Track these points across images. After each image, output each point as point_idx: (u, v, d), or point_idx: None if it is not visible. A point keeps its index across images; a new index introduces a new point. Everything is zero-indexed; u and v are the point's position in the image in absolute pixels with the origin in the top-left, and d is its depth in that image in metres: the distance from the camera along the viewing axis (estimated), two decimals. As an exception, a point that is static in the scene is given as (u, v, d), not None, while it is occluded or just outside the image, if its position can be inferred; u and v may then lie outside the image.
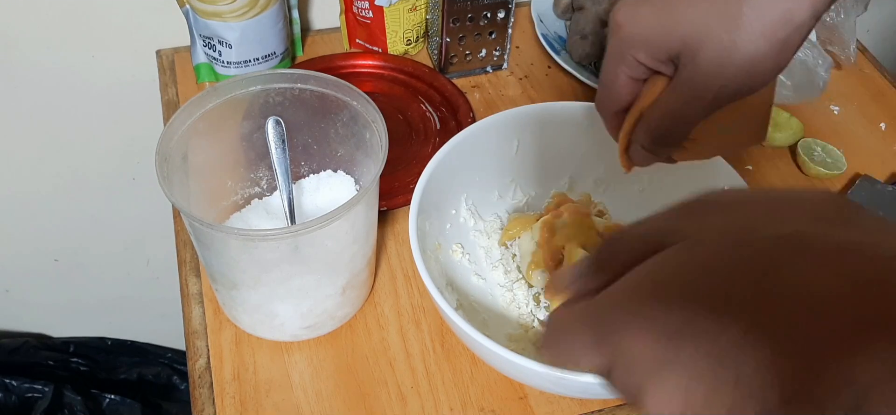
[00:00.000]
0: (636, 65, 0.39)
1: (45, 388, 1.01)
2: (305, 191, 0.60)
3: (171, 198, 0.48)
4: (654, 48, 0.37)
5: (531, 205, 0.66)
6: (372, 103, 0.54)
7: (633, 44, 0.38)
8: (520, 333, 0.58)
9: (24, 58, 0.79)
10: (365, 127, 0.55)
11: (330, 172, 0.61)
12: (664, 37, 0.36)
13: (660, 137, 0.40)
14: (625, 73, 0.40)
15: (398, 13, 0.78)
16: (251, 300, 0.54)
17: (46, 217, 0.96)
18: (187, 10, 0.72)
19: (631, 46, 0.38)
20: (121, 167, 0.93)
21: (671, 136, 0.39)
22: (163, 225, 0.79)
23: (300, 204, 0.59)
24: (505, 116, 0.61)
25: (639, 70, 0.39)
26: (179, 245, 0.64)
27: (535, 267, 0.57)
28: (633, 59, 0.39)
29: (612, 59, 0.40)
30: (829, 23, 0.82)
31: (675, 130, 0.39)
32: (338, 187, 0.60)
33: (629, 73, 0.39)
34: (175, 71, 0.79)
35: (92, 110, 0.85)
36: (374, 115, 0.54)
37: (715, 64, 0.35)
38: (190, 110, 0.53)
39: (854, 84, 0.84)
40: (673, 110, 0.38)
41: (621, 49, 0.39)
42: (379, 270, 0.63)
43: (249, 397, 0.55)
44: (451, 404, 0.55)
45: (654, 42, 0.37)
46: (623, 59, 0.39)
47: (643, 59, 0.38)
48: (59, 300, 1.08)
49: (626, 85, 0.40)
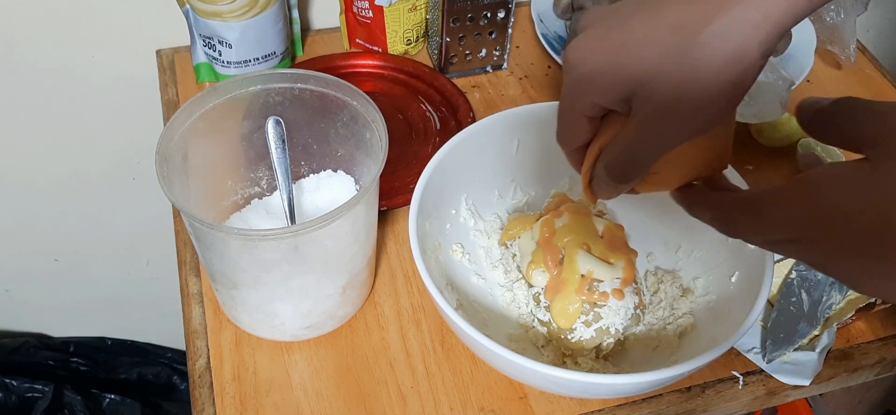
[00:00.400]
0: (591, 105, 0.38)
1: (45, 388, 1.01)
2: (305, 191, 0.60)
3: (171, 198, 0.48)
4: (606, 90, 0.37)
5: (531, 205, 0.66)
6: (372, 103, 0.54)
7: (586, 85, 0.38)
8: (520, 333, 0.58)
9: (24, 58, 0.79)
10: (365, 127, 0.55)
11: (330, 172, 0.61)
12: (616, 79, 0.36)
13: (618, 175, 0.40)
14: (581, 112, 0.39)
15: (398, 13, 0.78)
16: (251, 300, 0.54)
17: (46, 217, 0.96)
18: (187, 10, 0.72)
19: (583, 87, 0.38)
20: (121, 167, 0.93)
21: (629, 173, 0.39)
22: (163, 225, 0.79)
23: (300, 204, 0.59)
24: (505, 116, 0.61)
25: (594, 109, 0.39)
26: (179, 245, 0.64)
27: (535, 267, 0.57)
28: (586, 100, 0.38)
29: (566, 99, 0.40)
30: (829, 22, 0.82)
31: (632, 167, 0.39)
32: (338, 187, 0.60)
33: (585, 112, 0.39)
34: (175, 71, 0.79)
35: (92, 110, 0.85)
36: (374, 115, 0.54)
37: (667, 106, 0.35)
38: (190, 110, 0.53)
39: (854, 84, 0.84)
40: (629, 150, 0.38)
41: (575, 89, 0.39)
42: (379, 270, 0.63)
43: (249, 397, 0.55)
44: (451, 404, 0.55)
45: (606, 84, 0.37)
46: (578, 100, 0.39)
47: (596, 99, 0.38)
48: (59, 300, 1.08)
49: (583, 123, 0.40)
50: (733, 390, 0.57)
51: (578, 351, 0.55)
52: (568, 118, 0.40)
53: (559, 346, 0.56)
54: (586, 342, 0.54)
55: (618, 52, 0.36)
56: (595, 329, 0.54)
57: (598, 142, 0.41)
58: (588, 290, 0.54)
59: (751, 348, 0.58)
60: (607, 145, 0.39)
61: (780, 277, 0.61)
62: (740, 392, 0.57)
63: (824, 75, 0.84)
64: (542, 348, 0.57)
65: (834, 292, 0.60)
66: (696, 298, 0.58)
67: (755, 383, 0.57)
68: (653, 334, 0.58)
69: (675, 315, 0.58)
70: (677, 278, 0.60)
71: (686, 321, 0.57)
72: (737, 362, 0.58)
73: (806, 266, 0.61)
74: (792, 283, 0.60)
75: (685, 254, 0.61)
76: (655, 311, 0.59)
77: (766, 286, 0.50)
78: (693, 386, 0.57)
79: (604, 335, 0.54)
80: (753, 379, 0.57)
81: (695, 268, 0.60)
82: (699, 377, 0.57)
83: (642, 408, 0.56)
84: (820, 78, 0.84)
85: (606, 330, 0.54)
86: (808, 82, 0.82)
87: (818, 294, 0.60)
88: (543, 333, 0.57)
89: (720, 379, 0.57)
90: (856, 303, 0.60)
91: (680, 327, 0.57)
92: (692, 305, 0.58)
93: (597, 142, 0.41)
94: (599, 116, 0.39)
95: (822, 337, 0.58)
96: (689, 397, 0.56)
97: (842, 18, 0.82)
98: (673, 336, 0.56)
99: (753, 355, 0.58)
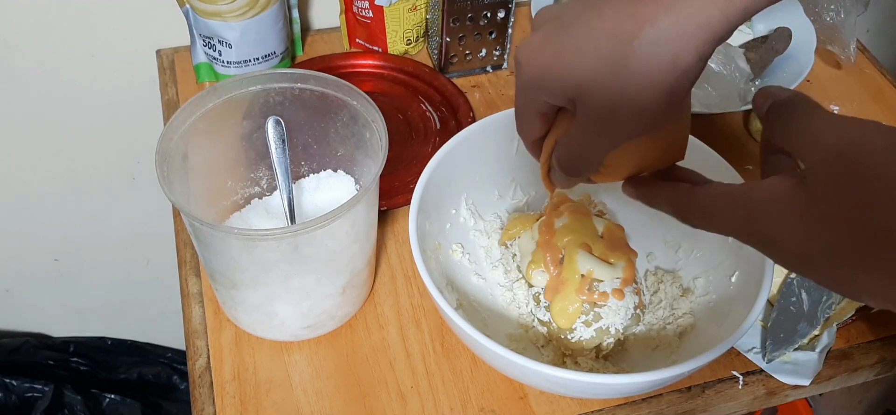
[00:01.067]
0: (541, 103, 0.40)
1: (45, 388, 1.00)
2: (305, 191, 0.60)
3: (171, 198, 0.48)
4: (551, 92, 0.38)
5: (531, 205, 0.66)
6: (372, 103, 0.54)
7: (534, 86, 0.39)
8: (520, 333, 0.58)
9: (24, 58, 0.79)
10: (365, 127, 0.55)
11: (330, 171, 0.61)
12: (558, 83, 0.37)
13: (569, 170, 0.41)
14: (533, 109, 0.41)
15: (398, 13, 0.78)
16: (251, 300, 0.54)
17: (46, 217, 0.96)
18: (187, 9, 0.72)
19: (532, 88, 0.39)
20: (121, 167, 0.93)
21: (579, 168, 0.41)
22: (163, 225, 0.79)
23: (300, 204, 0.59)
24: (505, 116, 0.61)
25: (544, 107, 0.40)
26: (179, 245, 0.64)
27: (535, 267, 0.57)
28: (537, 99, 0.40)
29: (519, 97, 0.41)
30: (829, 22, 0.82)
31: (581, 163, 0.40)
32: (338, 187, 0.60)
33: (536, 109, 0.40)
34: (175, 71, 0.79)
35: (92, 110, 0.85)
36: (374, 114, 0.54)
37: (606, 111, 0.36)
38: (190, 110, 0.53)
39: (854, 84, 0.84)
40: (577, 146, 0.39)
41: (525, 89, 0.40)
42: (379, 270, 0.63)
43: (249, 397, 0.55)
44: (451, 404, 0.55)
45: (551, 86, 0.38)
46: (529, 98, 0.40)
47: (545, 98, 0.39)
48: (59, 300, 1.08)
49: (537, 119, 0.41)
50: (733, 390, 0.57)
51: (578, 351, 0.55)
52: (522, 114, 0.42)
53: (559, 346, 0.56)
54: (586, 342, 0.54)
55: (559, 56, 0.37)
56: (595, 329, 0.54)
57: (553, 135, 0.42)
58: (588, 290, 0.54)
59: (751, 348, 0.58)
60: (559, 140, 0.41)
61: (780, 277, 0.61)
62: (740, 392, 0.57)
63: (824, 75, 0.84)
64: (542, 348, 0.57)
65: (834, 292, 0.60)
66: (696, 299, 0.58)
67: (755, 383, 0.57)
68: (653, 334, 0.58)
69: (675, 315, 0.58)
70: (677, 278, 0.60)
71: (686, 321, 0.57)
72: (737, 362, 0.58)
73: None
74: (792, 283, 0.60)
75: (685, 254, 0.61)
76: (655, 311, 0.59)
77: (766, 286, 0.50)
78: (693, 386, 0.57)
79: (604, 335, 0.54)
80: (753, 379, 0.57)
81: (695, 268, 0.60)
82: (699, 377, 0.57)
83: (642, 408, 0.56)
84: (820, 78, 0.84)
85: (606, 330, 0.54)
86: (809, 82, 0.82)
87: (818, 294, 0.60)
88: (543, 333, 0.57)
89: (720, 379, 0.57)
90: (856, 303, 0.60)
91: (680, 327, 0.57)
92: (692, 305, 0.58)
93: (552, 135, 0.42)
94: (552, 111, 0.41)
95: (822, 337, 0.58)
96: (689, 397, 0.56)
97: (842, 18, 0.82)
98: (673, 336, 0.56)
99: (753, 355, 0.58)
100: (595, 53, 0.35)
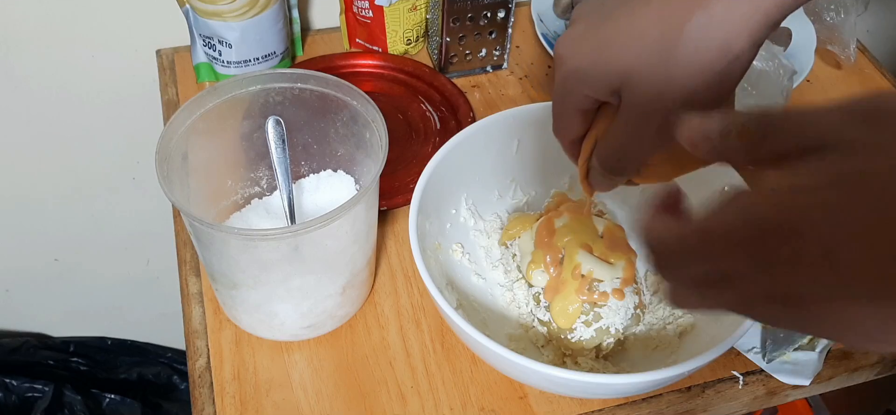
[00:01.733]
0: (583, 97, 0.38)
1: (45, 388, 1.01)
2: (305, 191, 0.60)
3: (171, 198, 0.48)
4: (595, 84, 0.37)
5: (531, 205, 0.66)
6: (372, 103, 0.54)
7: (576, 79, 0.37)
8: (520, 332, 0.58)
9: (24, 58, 0.79)
10: (365, 127, 0.55)
11: (330, 171, 0.61)
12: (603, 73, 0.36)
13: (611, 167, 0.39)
14: (573, 105, 0.39)
15: (398, 13, 0.78)
16: (251, 300, 0.54)
17: (46, 217, 0.96)
18: (187, 9, 0.72)
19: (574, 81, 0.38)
20: (121, 167, 0.93)
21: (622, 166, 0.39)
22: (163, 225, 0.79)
23: (300, 204, 0.59)
24: (505, 116, 0.61)
25: (586, 102, 0.39)
26: (179, 245, 0.64)
27: (535, 267, 0.57)
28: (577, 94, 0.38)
29: (559, 92, 0.40)
30: (829, 22, 0.82)
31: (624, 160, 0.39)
32: (338, 187, 0.60)
33: (577, 105, 0.39)
34: (175, 71, 0.79)
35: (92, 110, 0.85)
36: (374, 114, 0.54)
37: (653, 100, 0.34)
38: (190, 110, 0.53)
39: (854, 84, 0.84)
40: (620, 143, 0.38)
41: (566, 83, 0.38)
42: (379, 270, 0.63)
43: (249, 397, 0.55)
44: (451, 404, 0.55)
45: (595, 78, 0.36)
46: (569, 93, 0.39)
47: (587, 92, 0.38)
48: (59, 300, 1.08)
49: (577, 115, 0.40)
50: (733, 390, 0.57)
51: (578, 351, 0.55)
52: (561, 112, 0.40)
53: (559, 346, 0.56)
54: (586, 342, 0.54)
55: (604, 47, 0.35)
56: (595, 329, 0.54)
57: (593, 133, 0.40)
58: (588, 290, 0.54)
59: (751, 348, 0.58)
60: (601, 137, 0.39)
61: (780, 277, 0.61)
62: (740, 392, 0.57)
63: (824, 75, 0.84)
64: (542, 348, 0.57)
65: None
66: (696, 298, 0.58)
67: (755, 383, 0.57)
68: (653, 333, 0.58)
69: (675, 315, 0.58)
70: (677, 278, 0.60)
71: (686, 321, 0.57)
72: (737, 362, 0.58)
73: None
74: (792, 283, 0.60)
75: (685, 254, 0.61)
76: (655, 311, 0.59)
77: (766, 286, 0.50)
78: (693, 386, 0.57)
79: (604, 335, 0.54)
80: (753, 379, 0.57)
81: (695, 268, 0.60)
82: (699, 377, 0.57)
83: (642, 408, 0.56)
84: (820, 78, 0.84)
85: (606, 330, 0.54)
86: (809, 82, 0.82)
87: (818, 294, 0.60)
88: (543, 333, 0.57)
89: (720, 379, 0.57)
90: (856, 303, 0.60)
91: (680, 327, 0.57)
92: (692, 305, 0.58)
93: (592, 133, 0.40)
94: (593, 108, 0.39)
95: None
96: (689, 397, 0.56)
97: (842, 18, 0.82)
98: (673, 336, 0.56)
99: (753, 355, 0.58)
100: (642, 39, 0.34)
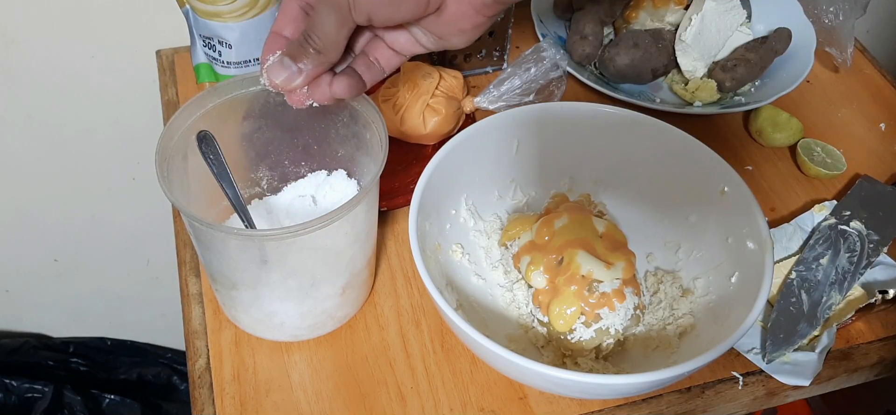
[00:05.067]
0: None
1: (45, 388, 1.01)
2: (306, 191, 0.60)
3: (171, 198, 0.48)
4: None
5: (531, 205, 0.66)
6: (372, 103, 0.54)
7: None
8: (520, 333, 0.58)
9: (24, 58, 0.79)
10: (365, 127, 0.55)
11: (330, 172, 0.61)
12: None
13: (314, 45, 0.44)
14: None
15: (398, 13, 0.77)
16: (251, 300, 0.54)
17: (46, 217, 0.96)
18: (187, 10, 0.72)
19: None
20: (121, 167, 0.93)
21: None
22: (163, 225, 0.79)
23: (300, 204, 0.59)
24: (505, 116, 0.61)
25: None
26: (179, 245, 0.64)
27: (535, 267, 0.57)
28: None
29: None
30: (827, 24, 0.82)
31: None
32: (338, 188, 0.60)
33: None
34: (175, 71, 0.79)
35: (92, 110, 0.85)
36: (373, 115, 0.54)
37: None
38: (190, 110, 0.53)
39: (853, 84, 0.84)
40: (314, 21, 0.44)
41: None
42: (379, 270, 0.63)
43: (249, 397, 0.55)
44: (451, 404, 0.55)
45: None
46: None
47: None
48: (59, 300, 1.08)
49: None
50: (733, 390, 0.57)
51: (578, 351, 0.55)
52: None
53: (559, 346, 0.56)
54: (586, 343, 0.54)
55: None
56: (595, 329, 0.54)
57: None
58: (587, 291, 0.54)
59: (751, 348, 0.58)
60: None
61: (780, 278, 0.61)
62: (740, 393, 0.57)
63: (824, 76, 0.84)
64: (542, 349, 0.57)
65: (834, 293, 0.60)
66: (695, 299, 0.58)
67: (755, 384, 0.57)
68: (653, 334, 0.58)
69: (674, 315, 0.58)
70: (677, 279, 0.60)
71: (686, 322, 0.57)
72: (737, 363, 0.58)
73: (806, 267, 0.61)
74: (792, 283, 0.60)
75: (685, 254, 0.61)
76: (655, 311, 0.59)
77: (765, 287, 0.50)
78: (693, 386, 0.57)
79: (603, 336, 0.54)
80: (753, 379, 0.57)
81: (695, 268, 0.60)
82: (699, 378, 0.57)
83: (642, 408, 0.56)
84: (820, 78, 0.84)
85: (606, 330, 0.54)
86: (808, 83, 0.82)
87: (818, 295, 0.60)
88: (543, 333, 0.57)
89: (720, 379, 0.57)
90: (856, 303, 0.60)
91: (680, 328, 0.57)
92: (692, 305, 0.58)
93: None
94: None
95: (822, 337, 0.58)
96: (689, 397, 0.56)
97: (840, 21, 0.82)
98: (673, 336, 0.56)
99: (753, 356, 0.58)
100: None
